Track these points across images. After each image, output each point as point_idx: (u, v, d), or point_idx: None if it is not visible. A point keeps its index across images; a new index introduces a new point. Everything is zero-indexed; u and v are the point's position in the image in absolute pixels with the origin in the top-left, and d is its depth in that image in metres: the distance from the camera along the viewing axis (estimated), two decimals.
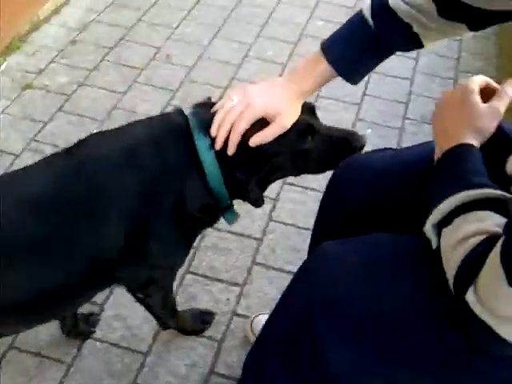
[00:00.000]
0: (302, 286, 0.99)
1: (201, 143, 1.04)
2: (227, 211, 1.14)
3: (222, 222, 1.16)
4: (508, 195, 0.80)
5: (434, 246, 0.85)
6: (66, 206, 1.01)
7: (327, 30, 1.05)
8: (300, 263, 1.02)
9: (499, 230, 0.75)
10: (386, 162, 1.11)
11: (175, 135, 1.06)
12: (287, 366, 1.02)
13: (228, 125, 1.03)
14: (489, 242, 0.75)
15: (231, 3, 2.61)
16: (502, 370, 0.84)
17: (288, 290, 1.04)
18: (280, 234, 1.71)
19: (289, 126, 1.05)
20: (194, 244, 1.22)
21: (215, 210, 1.11)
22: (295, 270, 1.02)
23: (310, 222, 1.26)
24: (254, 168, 1.04)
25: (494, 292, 0.71)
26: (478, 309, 0.74)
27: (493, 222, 0.78)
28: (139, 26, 2.44)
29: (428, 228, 0.86)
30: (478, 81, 0.94)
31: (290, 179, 1.72)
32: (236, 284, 1.59)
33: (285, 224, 1.73)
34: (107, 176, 1.02)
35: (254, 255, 1.65)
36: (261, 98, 1.04)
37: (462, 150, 0.90)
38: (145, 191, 1.03)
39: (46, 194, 1.01)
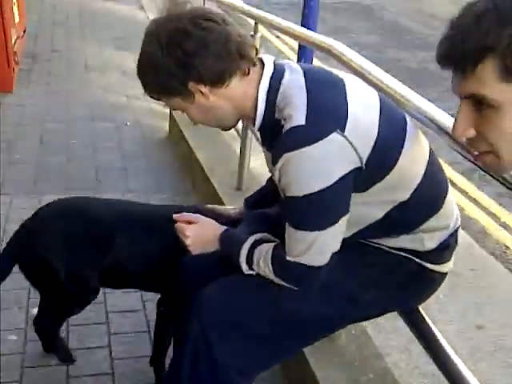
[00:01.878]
0: (193, 324, 1.60)
1: None
2: None
3: None
4: (259, 235, 1.62)
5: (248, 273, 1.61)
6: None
7: None
8: None
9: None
10: None
11: None
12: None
13: None
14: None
15: None
16: None
17: (182, 333, 1.66)
18: None
19: None
20: None
21: None
22: None
23: None
24: None
25: (295, 245, 1.47)
26: (294, 259, 1.48)
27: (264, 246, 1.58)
28: None
29: (245, 271, 1.60)
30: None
31: None
32: None
33: None
34: None
35: None
36: None
37: (226, 234, 1.66)
38: None
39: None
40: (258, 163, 3.20)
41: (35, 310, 2.52)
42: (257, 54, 1.53)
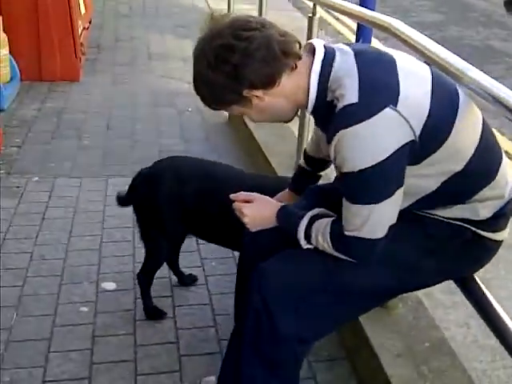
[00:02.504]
0: (254, 296, 1.69)
1: None
2: None
3: None
4: (316, 210, 1.67)
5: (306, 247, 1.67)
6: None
7: None
8: None
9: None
10: None
11: None
12: (256, 350, 1.71)
13: None
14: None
15: (69, 214, 3.34)
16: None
17: (247, 302, 1.74)
18: None
19: None
20: None
21: None
22: None
23: None
24: None
25: (352, 219, 1.52)
26: (352, 233, 1.53)
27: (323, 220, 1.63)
28: None
29: (304, 246, 1.67)
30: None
31: None
32: None
33: None
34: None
35: None
36: None
37: (284, 211, 1.72)
38: None
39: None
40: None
41: (103, 285, 2.68)
42: (300, 47, 1.59)
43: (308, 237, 1.65)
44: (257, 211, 1.76)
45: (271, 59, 1.52)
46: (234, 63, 1.50)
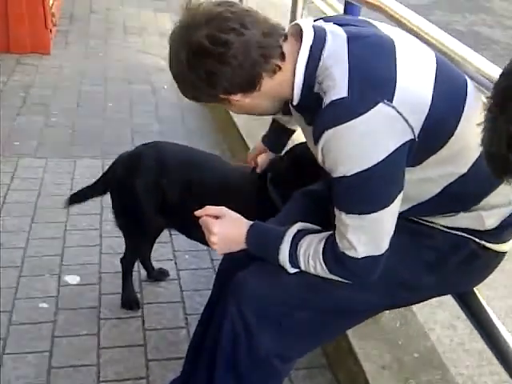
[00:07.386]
0: (231, 309, 1.50)
1: None
2: None
3: None
4: (298, 225, 1.46)
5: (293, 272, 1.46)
6: None
7: None
8: None
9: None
10: None
11: None
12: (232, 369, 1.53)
13: None
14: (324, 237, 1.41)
15: (32, 198, 3.11)
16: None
17: (222, 316, 1.55)
18: None
19: None
20: None
21: None
22: None
23: None
24: None
25: (350, 234, 1.31)
26: (350, 252, 1.33)
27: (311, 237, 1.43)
28: None
29: (289, 269, 1.45)
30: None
31: None
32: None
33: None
34: None
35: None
36: None
37: (256, 228, 1.50)
38: None
39: None
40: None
41: (66, 278, 2.48)
42: (286, 39, 1.39)
43: (294, 260, 1.43)
44: (228, 230, 1.51)
45: (249, 65, 1.34)
46: (208, 70, 1.35)
